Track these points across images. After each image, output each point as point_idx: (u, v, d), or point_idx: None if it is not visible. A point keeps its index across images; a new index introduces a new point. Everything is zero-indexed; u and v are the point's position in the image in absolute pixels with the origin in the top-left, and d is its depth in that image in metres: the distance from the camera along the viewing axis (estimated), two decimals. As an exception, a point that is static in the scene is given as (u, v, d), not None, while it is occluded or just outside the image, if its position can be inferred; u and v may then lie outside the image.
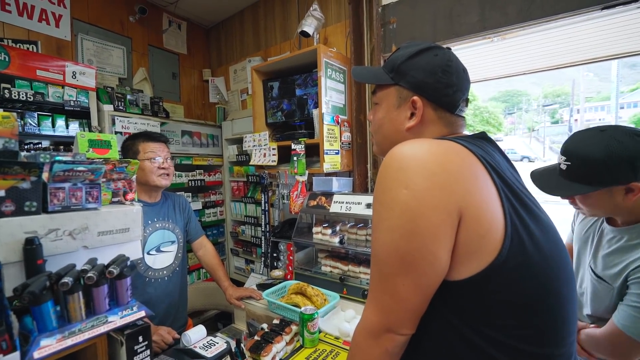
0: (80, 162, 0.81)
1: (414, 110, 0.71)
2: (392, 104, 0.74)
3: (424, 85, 0.70)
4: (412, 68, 0.71)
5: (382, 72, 0.76)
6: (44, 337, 0.66)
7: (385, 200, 0.59)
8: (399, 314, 0.60)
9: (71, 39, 2.26)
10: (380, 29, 1.90)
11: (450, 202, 0.55)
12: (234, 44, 3.02)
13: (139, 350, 0.78)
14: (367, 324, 0.64)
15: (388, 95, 0.75)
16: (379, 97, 0.78)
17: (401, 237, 0.57)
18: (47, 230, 0.76)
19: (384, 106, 0.76)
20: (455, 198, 0.55)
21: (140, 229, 0.97)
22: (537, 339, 0.57)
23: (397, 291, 0.58)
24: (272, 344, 1.14)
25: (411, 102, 0.70)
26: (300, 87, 2.04)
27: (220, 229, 3.02)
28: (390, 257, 0.58)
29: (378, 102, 0.78)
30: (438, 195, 0.55)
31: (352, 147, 2.03)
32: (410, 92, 0.71)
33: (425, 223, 0.55)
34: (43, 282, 0.66)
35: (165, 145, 1.59)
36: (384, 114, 0.76)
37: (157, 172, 1.50)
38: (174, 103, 2.96)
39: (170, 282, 1.58)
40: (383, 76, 0.75)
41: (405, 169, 0.57)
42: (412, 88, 0.70)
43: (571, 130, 26.24)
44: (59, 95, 1.91)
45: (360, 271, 1.59)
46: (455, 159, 0.59)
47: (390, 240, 0.58)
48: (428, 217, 0.55)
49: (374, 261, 0.62)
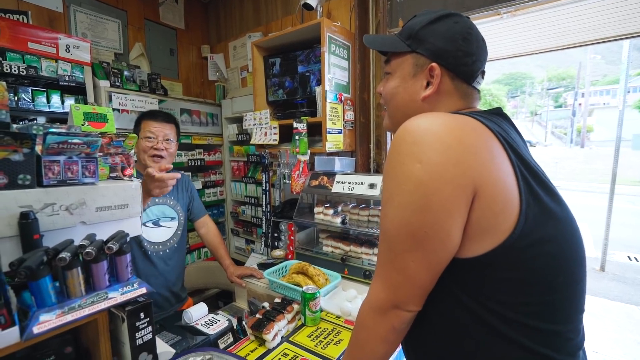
0: (75, 134, 0.77)
1: (430, 79, 0.68)
2: (408, 72, 0.71)
3: (443, 53, 0.66)
4: (432, 34, 0.67)
5: (397, 40, 0.72)
6: (43, 312, 0.64)
7: (397, 175, 0.57)
8: (407, 290, 0.59)
9: (63, 11, 2.16)
10: (386, 3, 1.82)
11: (465, 178, 0.53)
12: (233, 19, 2.90)
13: (141, 327, 0.77)
14: (373, 300, 0.63)
15: (403, 64, 0.71)
16: (392, 66, 0.74)
17: (413, 213, 0.55)
18: (42, 204, 0.73)
19: (397, 75, 0.73)
20: (470, 174, 0.53)
21: (139, 205, 0.94)
22: (547, 315, 0.57)
23: (406, 267, 0.58)
24: (274, 321, 1.14)
25: (429, 69, 0.67)
26: (302, 63, 1.97)
27: (221, 209, 3.01)
28: (400, 233, 0.57)
29: (391, 72, 0.74)
30: (452, 171, 0.53)
31: (355, 127, 1.99)
32: (428, 59, 0.67)
33: (438, 199, 0.53)
34: (40, 257, 0.64)
35: (168, 126, 1.53)
36: (398, 82, 0.72)
37: (149, 152, 1.47)
38: (173, 80, 2.88)
39: (166, 257, 1.57)
40: (399, 44, 0.71)
41: (420, 142, 0.55)
42: (431, 55, 0.67)
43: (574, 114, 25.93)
44: (52, 70, 1.84)
45: (362, 252, 1.58)
46: (472, 134, 0.56)
47: (401, 215, 0.57)
48: (442, 193, 0.53)
49: (383, 237, 0.61)
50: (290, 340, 1.15)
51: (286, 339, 1.16)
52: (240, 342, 1.16)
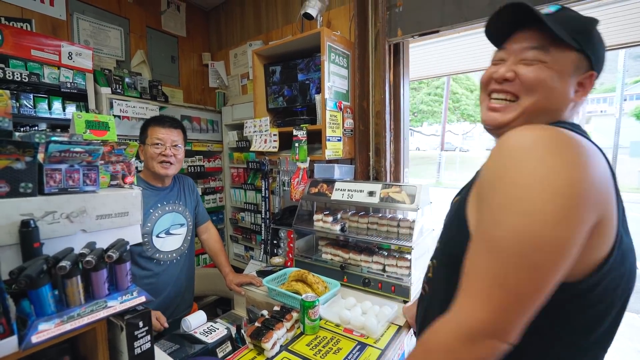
0: (77, 142, 0.78)
1: (581, 88, 0.65)
2: (566, 70, 0.63)
3: (601, 63, 0.65)
4: (598, 40, 0.64)
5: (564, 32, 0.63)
6: (42, 321, 0.64)
7: (529, 179, 0.50)
8: (515, 314, 0.51)
9: (66, 19, 2.19)
10: (385, 12, 1.84)
11: (598, 203, 0.51)
12: (234, 28, 2.94)
13: (139, 336, 0.77)
14: (464, 321, 0.53)
15: (564, 59, 0.63)
16: (552, 57, 0.63)
17: (545, 225, 0.48)
18: (43, 212, 0.73)
19: (556, 68, 0.63)
20: (605, 198, 0.52)
21: (140, 213, 0.95)
22: (606, 344, 0.60)
23: (520, 286, 0.50)
24: (273, 330, 1.14)
25: (589, 76, 0.64)
26: (302, 71, 1.99)
27: (220, 216, 3.01)
28: (523, 245, 0.49)
29: (546, 62, 0.63)
30: (592, 190, 0.50)
31: (355, 134, 2.00)
32: (590, 65, 0.63)
33: (576, 214, 0.49)
34: (40, 265, 0.64)
35: (176, 132, 1.53)
36: (556, 76, 0.63)
37: (157, 159, 1.46)
38: (173, 87, 2.90)
39: (178, 265, 1.58)
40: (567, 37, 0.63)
41: (566, 152, 0.51)
42: (595, 62, 0.63)
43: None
44: (55, 77, 1.86)
45: (362, 259, 1.58)
46: (602, 160, 0.55)
47: (524, 224, 0.49)
48: (581, 208, 0.49)
49: (489, 247, 0.53)
50: (289, 349, 1.14)
51: (285, 347, 1.15)
52: (239, 350, 1.15)
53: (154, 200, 1.50)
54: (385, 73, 1.85)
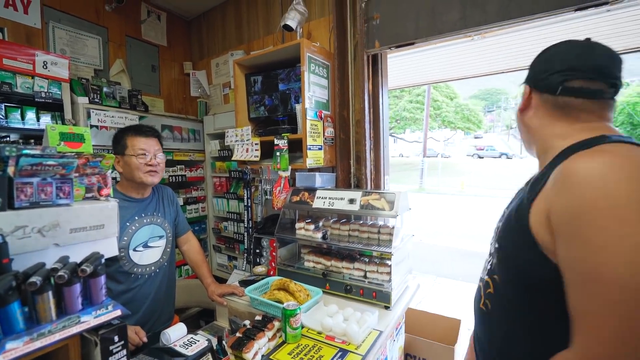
0: (50, 155, 0.77)
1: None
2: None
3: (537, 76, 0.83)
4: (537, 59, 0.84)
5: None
6: (9, 340, 0.62)
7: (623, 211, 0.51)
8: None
9: (42, 27, 2.14)
10: (363, 25, 1.90)
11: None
12: (215, 37, 2.95)
13: (115, 351, 0.75)
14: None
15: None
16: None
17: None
18: (13, 227, 0.72)
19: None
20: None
21: (116, 225, 0.94)
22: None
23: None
24: (254, 340, 1.13)
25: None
26: (283, 81, 2.02)
27: (203, 226, 2.97)
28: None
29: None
30: None
31: (335, 143, 2.03)
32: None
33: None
34: (8, 282, 0.62)
35: (156, 141, 1.52)
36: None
37: (143, 169, 1.44)
38: (154, 96, 2.87)
39: (157, 278, 1.55)
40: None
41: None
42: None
43: (547, 128, 27.04)
44: (28, 86, 1.81)
45: (343, 266, 1.60)
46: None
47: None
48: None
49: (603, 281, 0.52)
50: (271, 358, 1.14)
51: (267, 357, 1.15)
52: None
53: (131, 212, 1.47)
54: (364, 83, 1.90)
